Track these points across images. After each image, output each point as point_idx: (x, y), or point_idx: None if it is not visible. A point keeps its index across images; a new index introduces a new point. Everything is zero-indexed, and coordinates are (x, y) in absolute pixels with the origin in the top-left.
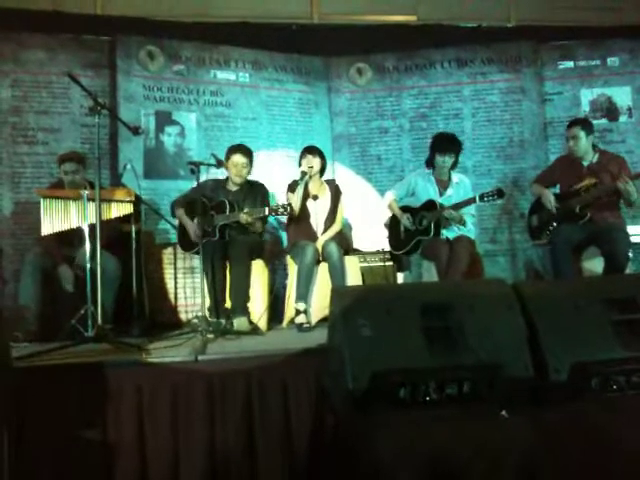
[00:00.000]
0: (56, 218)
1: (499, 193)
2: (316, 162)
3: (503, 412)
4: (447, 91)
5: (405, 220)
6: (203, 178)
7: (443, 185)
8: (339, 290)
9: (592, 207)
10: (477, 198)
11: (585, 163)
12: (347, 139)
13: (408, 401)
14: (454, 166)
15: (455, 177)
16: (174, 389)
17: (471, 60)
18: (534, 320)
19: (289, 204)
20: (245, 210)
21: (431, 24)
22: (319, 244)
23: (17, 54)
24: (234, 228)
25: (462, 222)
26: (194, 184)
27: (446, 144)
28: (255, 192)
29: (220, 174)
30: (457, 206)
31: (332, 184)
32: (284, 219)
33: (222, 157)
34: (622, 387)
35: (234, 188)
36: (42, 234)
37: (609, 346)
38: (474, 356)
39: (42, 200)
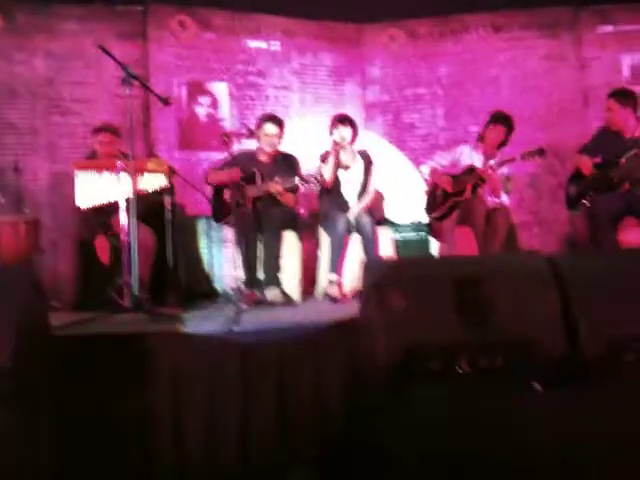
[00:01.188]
0: (91, 190)
1: (540, 151)
2: (347, 131)
3: (536, 385)
4: (483, 57)
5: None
6: (236, 149)
7: (489, 157)
8: (370, 263)
9: (631, 178)
10: (518, 157)
11: (627, 135)
12: (380, 107)
13: (440, 375)
14: (502, 145)
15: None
16: (209, 360)
17: (507, 25)
18: (569, 294)
19: (320, 174)
20: (276, 179)
21: None
22: (351, 215)
23: (50, 25)
24: (266, 200)
25: (503, 186)
26: (226, 155)
27: (504, 120)
28: (287, 163)
29: (253, 145)
30: (498, 164)
31: (364, 154)
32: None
33: (253, 127)
34: None
35: (265, 159)
36: (77, 206)
37: None
38: (507, 330)
39: (77, 172)
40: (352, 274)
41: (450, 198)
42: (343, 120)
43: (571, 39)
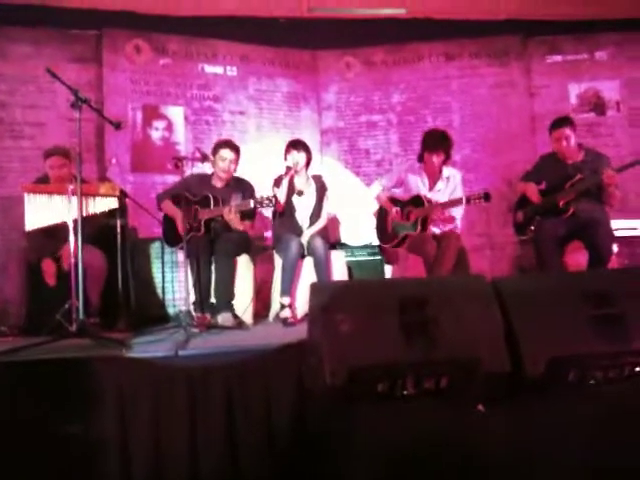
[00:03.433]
0: (40, 213)
1: (486, 196)
2: (301, 157)
3: (480, 406)
4: (435, 85)
5: (394, 213)
6: (189, 173)
7: (433, 179)
8: (317, 285)
9: (576, 202)
10: (464, 200)
11: (570, 161)
12: (335, 133)
13: (386, 396)
14: (445, 162)
15: (446, 171)
16: (155, 384)
17: (459, 54)
18: (511, 315)
19: (274, 196)
20: (230, 203)
21: (420, 18)
22: (304, 239)
23: (3, 48)
24: (220, 223)
25: (450, 220)
26: (179, 178)
27: (436, 142)
28: (241, 188)
29: (208, 169)
30: (444, 205)
31: (318, 179)
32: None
33: (209, 151)
34: (599, 382)
35: (220, 184)
36: (26, 229)
37: (587, 341)
38: (451, 351)
39: (26, 195)
40: (305, 297)
41: (402, 231)
42: (296, 145)
43: (520, 67)
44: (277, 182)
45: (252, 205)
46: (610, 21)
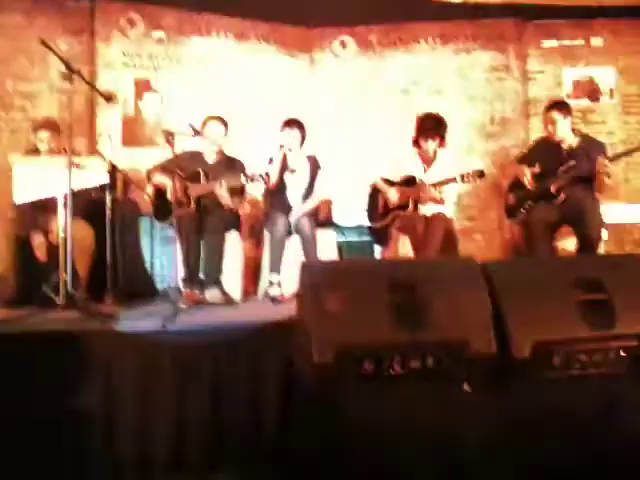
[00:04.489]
0: (29, 185)
1: (480, 174)
2: (294, 134)
3: (465, 386)
4: (430, 67)
5: (391, 194)
6: (181, 148)
7: (428, 162)
8: (307, 264)
9: (568, 188)
10: (458, 178)
11: (565, 146)
12: (330, 112)
13: (372, 374)
14: (440, 145)
15: (440, 154)
16: (142, 358)
17: (455, 36)
18: (499, 298)
19: (266, 172)
20: (220, 179)
21: None
22: (292, 217)
23: None
24: (210, 200)
25: (441, 201)
26: (170, 154)
27: (431, 127)
28: (232, 165)
29: (200, 146)
30: (437, 185)
31: (311, 158)
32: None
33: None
34: (584, 365)
35: (211, 160)
36: (15, 202)
37: (573, 325)
38: (439, 332)
39: (15, 167)
40: (293, 275)
41: (393, 211)
42: (290, 123)
43: (516, 51)
44: (271, 159)
45: (243, 181)
46: (606, 7)
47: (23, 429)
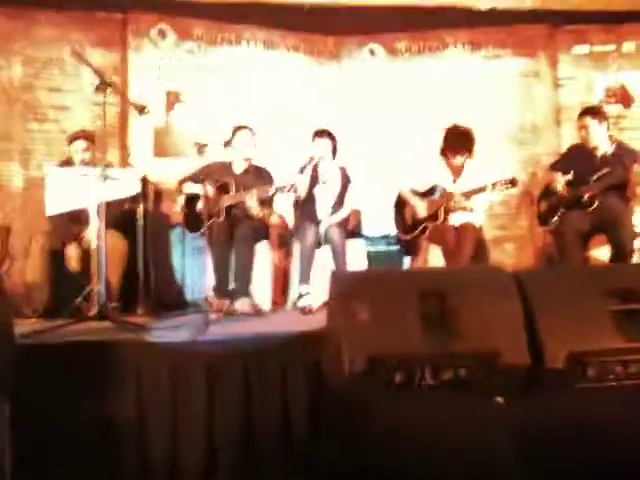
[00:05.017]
0: (63, 196)
1: (512, 182)
2: (325, 144)
3: (499, 398)
4: (460, 73)
5: (419, 206)
6: (212, 159)
7: (456, 172)
8: (337, 274)
9: (601, 196)
10: (489, 187)
11: (599, 153)
12: (359, 120)
13: (403, 385)
14: (468, 157)
15: (469, 163)
16: (173, 369)
17: (484, 43)
18: (532, 308)
19: (295, 183)
20: (250, 190)
21: (445, 6)
22: (322, 228)
23: (28, 31)
24: (240, 210)
25: (471, 210)
26: (201, 164)
27: (458, 142)
28: (261, 176)
29: (229, 157)
30: (468, 194)
31: (342, 170)
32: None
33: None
34: (619, 377)
35: (240, 170)
36: (48, 213)
37: (607, 335)
38: (471, 342)
39: (49, 178)
40: (322, 286)
41: (422, 223)
42: (321, 134)
43: (546, 58)
44: (302, 170)
45: (272, 192)
46: (638, 12)
47: (57, 436)
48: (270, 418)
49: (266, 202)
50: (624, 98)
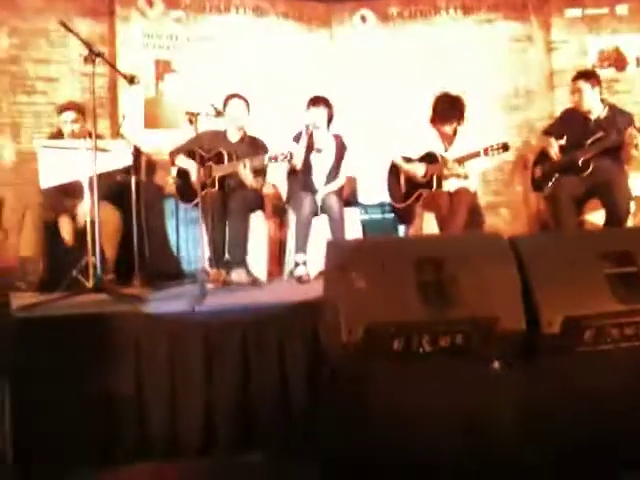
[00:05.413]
0: (55, 169)
1: (504, 147)
2: (321, 113)
3: (496, 364)
4: (452, 38)
5: (417, 168)
6: (203, 129)
7: (448, 140)
8: (334, 243)
9: (595, 160)
10: (482, 152)
11: (592, 117)
12: (351, 88)
13: (402, 353)
14: (459, 125)
15: (460, 130)
16: (171, 340)
17: (476, 7)
18: (528, 274)
19: (290, 152)
20: (244, 159)
21: None
22: (318, 197)
23: (13, 1)
24: (233, 180)
25: (465, 176)
26: (193, 134)
27: (447, 112)
28: (255, 145)
29: (222, 125)
30: (460, 160)
31: (338, 138)
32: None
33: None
34: (616, 340)
35: (233, 140)
36: (41, 186)
37: (603, 299)
38: (468, 309)
39: (40, 150)
40: (318, 255)
41: (417, 189)
42: (316, 102)
43: (539, 22)
44: (296, 138)
45: (266, 161)
46: None
47: (54, 411)
48: (268, 387)
49: (260, 172)
50: (618, 61)
